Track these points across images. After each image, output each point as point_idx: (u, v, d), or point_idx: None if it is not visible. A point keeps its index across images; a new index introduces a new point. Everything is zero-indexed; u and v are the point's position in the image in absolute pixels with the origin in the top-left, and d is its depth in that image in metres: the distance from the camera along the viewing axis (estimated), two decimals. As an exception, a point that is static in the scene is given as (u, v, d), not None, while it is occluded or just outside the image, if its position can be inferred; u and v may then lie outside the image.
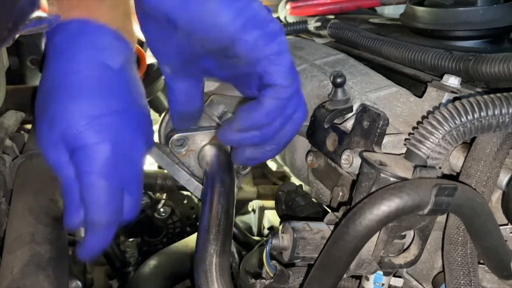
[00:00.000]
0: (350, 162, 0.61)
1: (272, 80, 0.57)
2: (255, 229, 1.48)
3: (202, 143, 0.74)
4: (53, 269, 0.61)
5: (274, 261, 0.64)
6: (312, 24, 1.06)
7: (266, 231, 1.43)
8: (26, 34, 0.61)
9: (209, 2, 0.54)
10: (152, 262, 1.12)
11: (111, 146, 0.53)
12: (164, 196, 1.39)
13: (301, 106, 0.63)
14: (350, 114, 0.70)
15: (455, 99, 0.64)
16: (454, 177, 0.60)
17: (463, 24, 0.82)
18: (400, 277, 0.65)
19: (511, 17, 0.81)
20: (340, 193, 0.69)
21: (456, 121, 0.52)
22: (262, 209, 1.46)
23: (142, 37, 0.77)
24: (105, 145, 0.52)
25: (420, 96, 0.70)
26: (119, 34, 0.58)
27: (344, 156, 0.62)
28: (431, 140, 0.53)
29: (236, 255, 1.15)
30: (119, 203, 0.55)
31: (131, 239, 1.30)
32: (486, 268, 0.59)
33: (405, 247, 0.57)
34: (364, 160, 0.56)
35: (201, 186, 0.74)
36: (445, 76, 0.68)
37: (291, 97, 0.60)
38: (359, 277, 0.64)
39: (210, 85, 0.84)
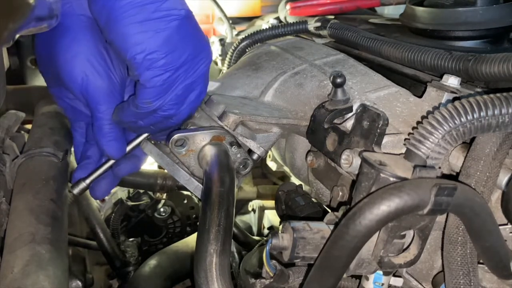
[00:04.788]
0: (350, 162, 0.61)
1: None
2: (255, 229, 1.49)
3: (202, 143, 0.74)
4: (53, 269, 0.61)
5: (274, 261, 0.64)
6: (312, 24, 1.06)
7: (266, 231, 1.43)
8: (26, 34, 0.61)
9: None
10: (152, 262, 1.12)
11: None
12: (164, 196, 1.39)
13: None
14: (350, 114, 0.70)
15: (454, 99, 0.64)
16: (453, 177, 0.60)
17: (463, 24, 0.82)
18: (400, 276, 0.65)
19: (511, 17, 0.81)
20: (340, 193, 0.69)
21: (456, 121, 0.53)
22: (262, 209, 1.47)
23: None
24: None
25: (420, 96, 0.70)
26: None
27: (344, 156, 0.62)
28: (430, 140, 0.53)
29: (236, 255, 1.15)
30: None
31: (131, 239, 1.30)
32: (486, 268, 0.59)
33: (405, 246, 0.58)
34: (364, 160, 0.56)
35: (201, 186, 0.74)
36: (445, 76, 0.68)
37: None
38: (359, 277, 0.64)
39: (210, 85, 0.84)
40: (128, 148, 0.80)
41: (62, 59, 0.72)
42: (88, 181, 0.80)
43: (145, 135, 0.80)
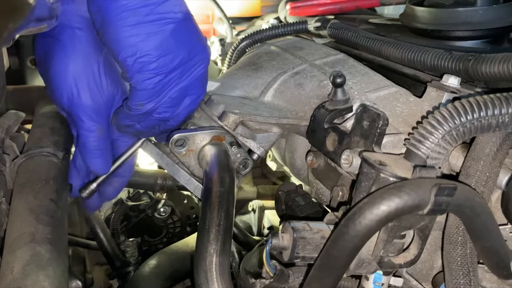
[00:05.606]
0: (350, 162, 0.61)
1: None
2: (255, 229, 1.49)
3: (202, 143, 0.74)
4: (53, 269, 0.61)
5: (274, 261, 0.64)
6: (312, 24, 1.06)
7: (266, 231, 1.43)
8: (26, 34, 0.61)
9: None
10: (152, 262, 1.12)
11: None
12: (164, 196, 1.39)
13: None
14: (350, 114, 0.70)
15: (454, 99, 0.64)
16: (453, 177, 0.60)
17: (463, 24, 0.82)
18: (400, 276, 0.65)
19: (511, 17, 0.81)
20: (340, 193, 0.69)
21: (456, 121, 0.53)
22: (262, 209, 1.47)
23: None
24: None
25: (420, 96, 0.70)
26: None
27: (344, 156, 0.62)
28: (430, 140, 0.53)
29: (236, 255, 1.15)
30: None
31: (131, 239, 1.30)
32: (486, 268, 0.59)
33: (405, 246, 0.58)
34: (364, 160, 0.56)
35: (201, 186, 0.74)
36: (445, 76, 0.68)
37: None
38: (359, 277, 0.64)
39: (210, 85, 0.84)
40: (113, 167, 0.81)
41: (52, 73, 0.73)
42: (95, 184, 0.81)
43: (131, 151, 0.81)
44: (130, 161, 0.85)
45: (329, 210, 0.75)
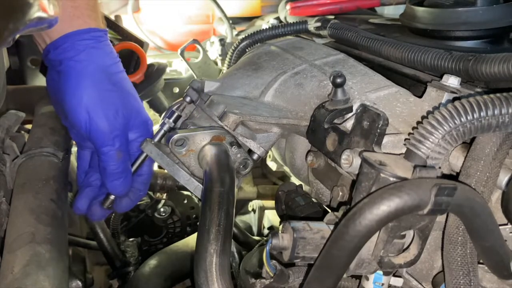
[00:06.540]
0: (350, 162, 0.61)
1: None
2: (255, 229, 1.49)
3: (202, 143, 0.74)
4: (53, 269, 0.61)
5: (274, 261, 0.64)
6: (312, 24, 1.06)
7: (266, 231, 1.43)
8: (26, 34, 0.61)
9: None
10: (152, 262, 1.12)
11: None
12: (164, 196, 1.39)
13: None
14: (350, 114, 0.70)
15: (454, 99, 0.64)
16: (453, 177, 0.60)
17: (463, 24, 0.82)
18: (400, 276, 0.65)
19: (511, 17, 0.81)
20: (340, 193, 0.69)
21: (456, 121, 0.53)
22: (262, 209, 1.46)
23: (143, 37, 0.77)
24: None
25: (420, 96, 0.70)
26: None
27: (344, 156, 0.62)
28: (430, 140, 0.53)
29: (236, 255, 1.15)
30: None
31: (131, 239, 1.30)
32: (486, 268, 0.59)
33: (405, 247, 0.58)
34: (364, 160, 0.56)
35: (201, 186, 0.74)
36: (445, 76, 0.68)
37: None
38: (359, 277, 0.64)
39: (210, 85, 0.84)
40: (133, 168, 0.84)
41: (67, 105, 0.77)
42: (113, 195, 0.85)
43: (143, 156, 0.83)
44: (146, 177, 0.88)
45: (329, 210, 0.75)
